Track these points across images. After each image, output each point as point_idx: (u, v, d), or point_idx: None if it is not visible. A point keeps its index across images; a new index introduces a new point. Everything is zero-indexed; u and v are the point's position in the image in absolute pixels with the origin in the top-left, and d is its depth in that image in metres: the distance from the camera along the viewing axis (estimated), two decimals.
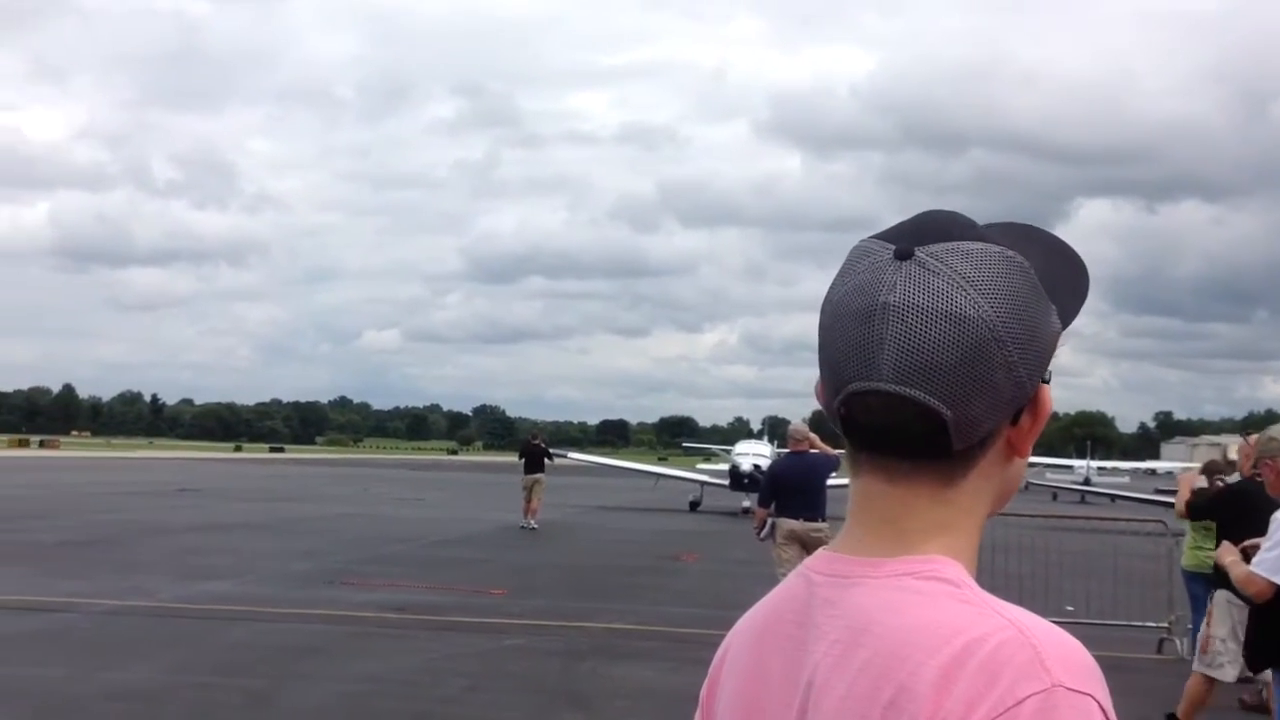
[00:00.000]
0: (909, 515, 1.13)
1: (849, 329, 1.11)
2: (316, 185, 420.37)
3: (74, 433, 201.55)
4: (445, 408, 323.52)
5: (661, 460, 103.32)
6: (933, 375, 1.08)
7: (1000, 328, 1.09)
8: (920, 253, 1.11)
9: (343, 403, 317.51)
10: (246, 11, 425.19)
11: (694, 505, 38.98)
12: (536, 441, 29.19)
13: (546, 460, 28.84)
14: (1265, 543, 5.84)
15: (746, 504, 32.19)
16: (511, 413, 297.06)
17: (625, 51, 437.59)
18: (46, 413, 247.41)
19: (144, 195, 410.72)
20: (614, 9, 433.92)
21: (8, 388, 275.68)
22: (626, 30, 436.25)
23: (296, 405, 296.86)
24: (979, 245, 1.12)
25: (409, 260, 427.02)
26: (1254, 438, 7.98)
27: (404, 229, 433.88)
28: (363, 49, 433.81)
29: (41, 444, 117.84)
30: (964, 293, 1.09)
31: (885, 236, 1.15)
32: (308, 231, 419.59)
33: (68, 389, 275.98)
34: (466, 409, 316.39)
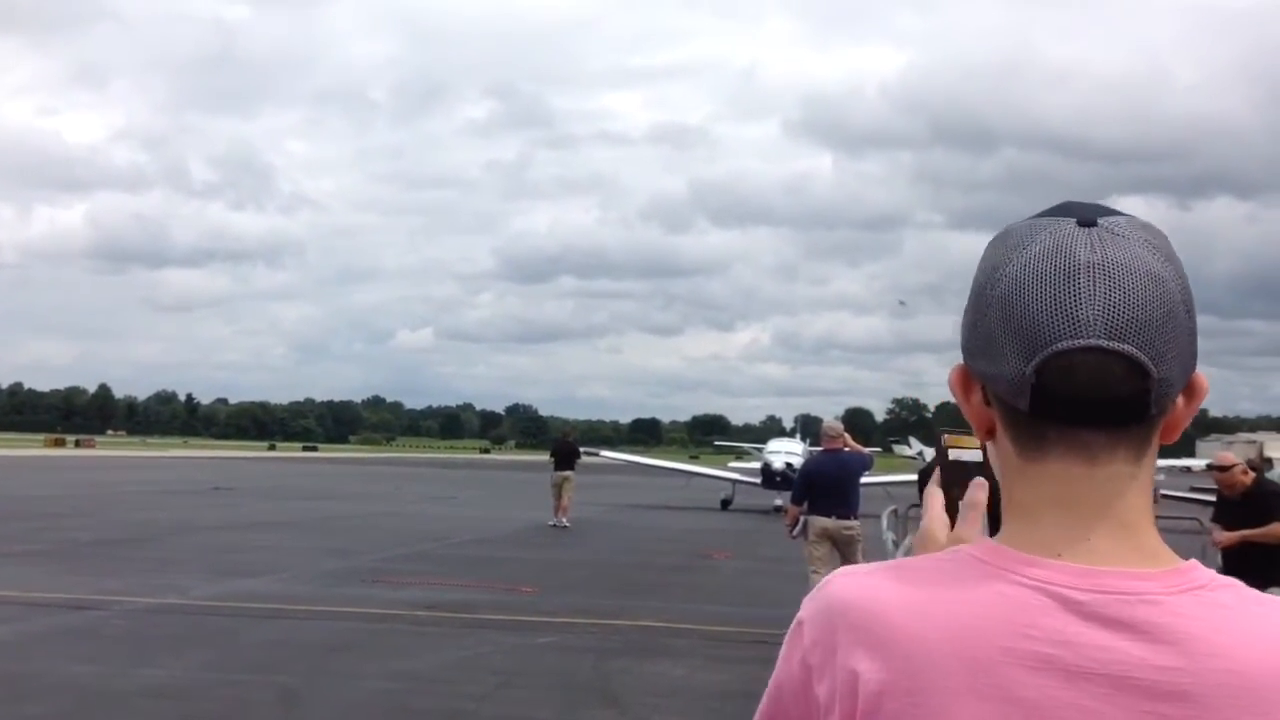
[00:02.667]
0: (1127, 509, 1.10)
1: (1046, 290, 1.07)
2: (351, 186, 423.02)
3: (110, 432, 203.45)
4: (478, 407, 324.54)
5: (694, 459, 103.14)
6: (1141, 330, 1.06)
7: (1184, 294, 1.09)
8: (1102, 222, 1.10)
9: (376, 402, 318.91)
10: (282, 16, 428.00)
11: (726, 504, 38.95)
12: (568, 440, 29.59)
13: (576, 459, 29.14)
14: None
15: (778, 502, 32.13)
16: (544, 411, 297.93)
17: (657, 52, 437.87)
18: (83, 412, 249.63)
19: (181, 196, 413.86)
20: (646, 10, 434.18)
21: (44, 388, 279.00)
22: (658, 31, 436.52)
23: (330, 404, 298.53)
24: (1143, 220, 1.13)
25: (442, 260, 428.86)
26: None
27: (437, 229, 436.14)
28: (397, 51, 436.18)
29: (77, 443, 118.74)
30: (1155, 256, 1.09)
31: (1048, 215, 1.14)
32: (342, 232, 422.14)
33: (104, 389, 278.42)
34: (499, 408, 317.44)
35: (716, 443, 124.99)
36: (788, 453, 36.46)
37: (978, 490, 1.23)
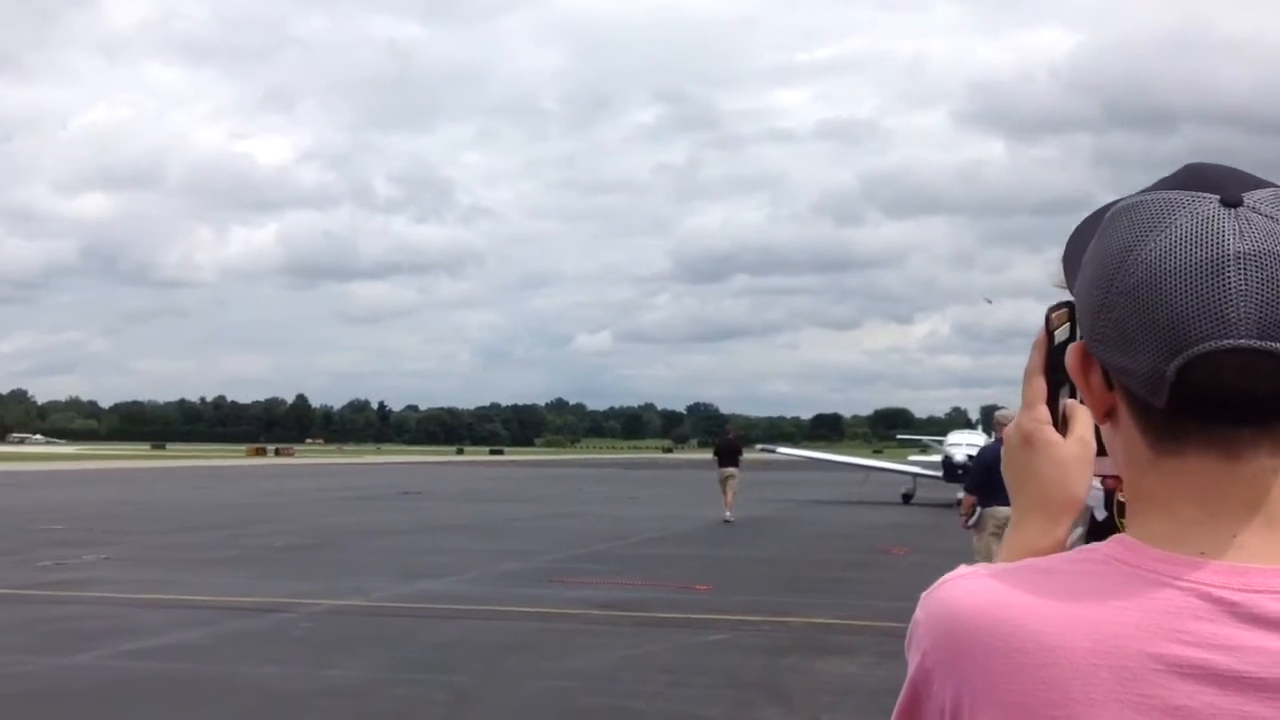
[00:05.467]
0: (1272, 504, 1.00)
1: (1191, 284, 0.96)
2: (527, 195, 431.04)
3: (308, 440, 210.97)
4: (659, 406, 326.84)
5: (876, 453, 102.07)
6: None
7: None
8: (1247, 200, 0.99)
9: (559, 405, 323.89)
10: (455, 34, 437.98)
11: (907, 498, 38.42)
12: (731, 436, 30.21)
13: (740, 455, 29.76)
14: None
15: (960, 495, 31.50)
16: (725, 409, 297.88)
17: (822, 47, 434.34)
18: (282, 422, 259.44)
19: (366, 212, 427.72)
20: (811, 5, 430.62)
21: (246, 399, 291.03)
22: (822, 25, 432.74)
23: (515, 408, 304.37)
24: None
25: (617, 263, 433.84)
26: None
27: (612, 233, 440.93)
28: (566, 62, 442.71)
29: (277, 452, 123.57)
30: None
31: (1185, 187, 1.02)
32: (520, 239, 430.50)
33: (301, 399, 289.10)
34: (680, 407, 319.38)
35: (899, 436, 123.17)
36: (969, 444, 35.72)
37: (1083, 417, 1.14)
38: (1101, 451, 1.15)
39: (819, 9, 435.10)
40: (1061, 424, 1.16)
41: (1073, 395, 1.17)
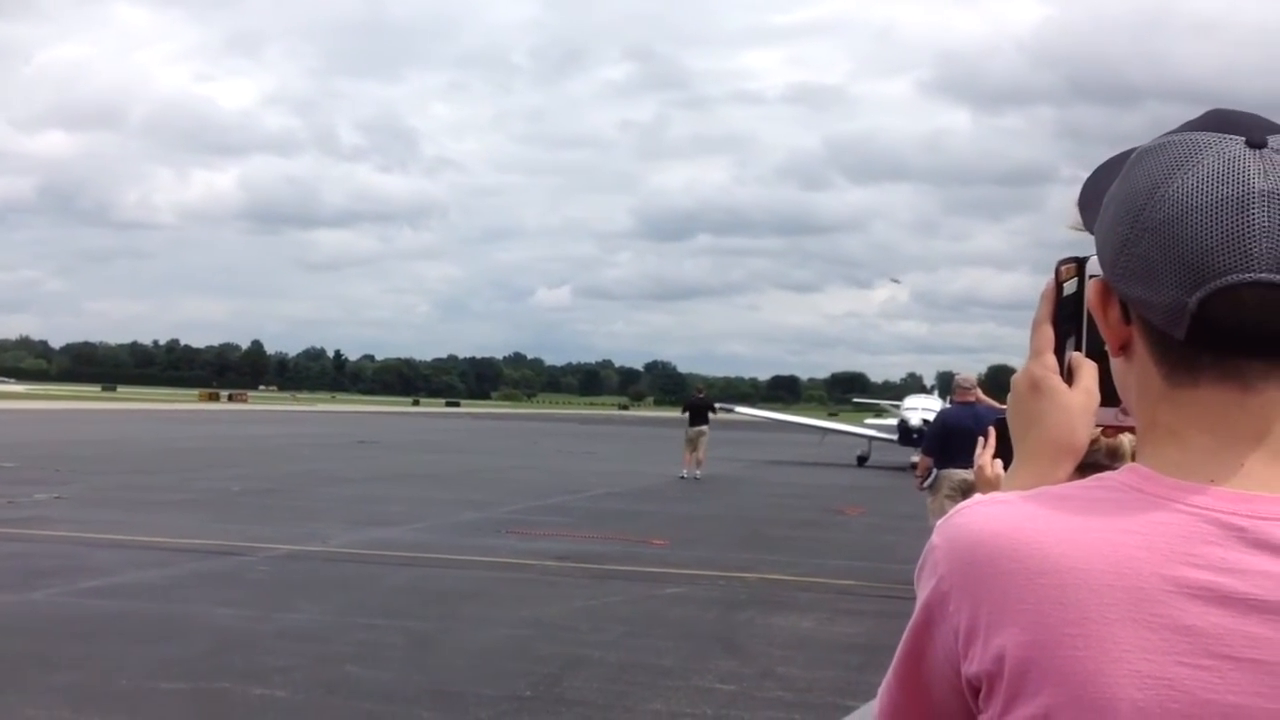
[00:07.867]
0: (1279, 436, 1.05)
1: (1216, 219, 1.01)
2: (493, 147, 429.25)
3: (261, 387, 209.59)
4: (617, 364, 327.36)
5: (832, 416, 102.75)
6: None
7: None
8: (1272, 142, 1.04)
9: (517, 359, 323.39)
10: None
11: (862, 460, 38.75)
12: (702, 395, 30.13)
13: (710, 414, 29.68)
14: None
15: (915, 459, 31.82)
16: (683, 368, 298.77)
17: (797, 9, 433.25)
18: (236, 368, 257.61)
19: (330, 160, 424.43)
20: None
21: (200, 344, 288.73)
22: None
23: (472, 361, 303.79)
24: None
25: (581, 219, 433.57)
26: None
27: (576, 189, 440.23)
28: (538, 15, 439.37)
29: (230, 398, 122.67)
30: None
31: (1209, 129, 1.07)
32: (484, 192, 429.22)
33: (256, 345, 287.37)
34: (638, 365, 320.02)
35: (855, 400, 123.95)
36: (925, 409, 36.04)
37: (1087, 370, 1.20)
38: (1103, 403, 1.21)
39: None
40: (1066, 374, 1.22)
41: (1078, 348, 1.22)
